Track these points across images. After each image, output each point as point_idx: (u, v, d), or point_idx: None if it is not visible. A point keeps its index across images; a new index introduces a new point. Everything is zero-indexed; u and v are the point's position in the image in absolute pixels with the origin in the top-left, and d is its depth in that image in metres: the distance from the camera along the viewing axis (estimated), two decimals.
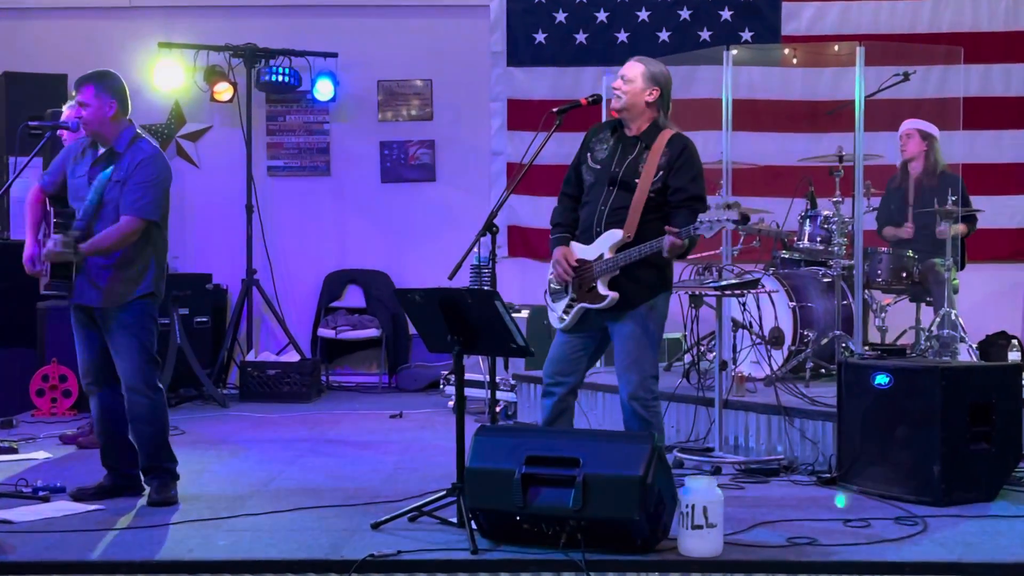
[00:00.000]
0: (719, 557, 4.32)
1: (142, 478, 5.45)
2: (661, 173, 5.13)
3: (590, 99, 5.36)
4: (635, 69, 5.26)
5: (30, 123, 5.74)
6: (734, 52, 7.15)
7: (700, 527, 4.32)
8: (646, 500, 4.27)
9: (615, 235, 5.13)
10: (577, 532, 4.33)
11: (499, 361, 7.70)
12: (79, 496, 5.38)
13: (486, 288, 5.67)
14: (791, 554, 4.40)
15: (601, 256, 5.15)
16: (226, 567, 4.31)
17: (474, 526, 4.52)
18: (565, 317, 5.29)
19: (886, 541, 4.56)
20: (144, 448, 5.36)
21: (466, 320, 4.76)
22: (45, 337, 8.49)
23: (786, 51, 9.66)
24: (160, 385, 5.39)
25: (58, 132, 6.00)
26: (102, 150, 5.36)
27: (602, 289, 5.14)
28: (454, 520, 4.73)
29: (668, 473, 4.50)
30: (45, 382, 8.28)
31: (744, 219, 4.89)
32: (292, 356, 9.64)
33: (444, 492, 4.87)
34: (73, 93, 5.39)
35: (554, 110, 5.29)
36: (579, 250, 5.26)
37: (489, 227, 5.12)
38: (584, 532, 4.33)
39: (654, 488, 4.31)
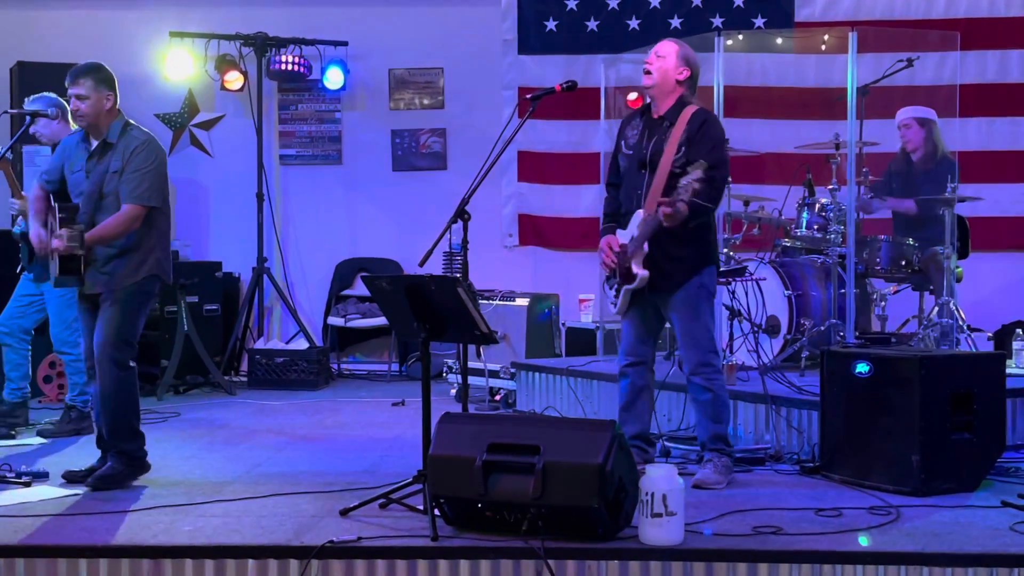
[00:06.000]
0: (679, 546, 4.26)
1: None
2: (683, 149, 5.22)
3: (564, 85, 5.35)
4: (669, 47, 5.43)
5: (10, 111, 5.79)
6: (728, 42, 7.15)
7: (659, 515, 4.26)
8: (605, 488, 4.24)
9: (640, 215, 5.29)
10: (538, 519, 4.30)
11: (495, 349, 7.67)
12: (70, 478, 5.45)
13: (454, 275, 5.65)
14: (753, 543, 4.34)
15: (633, 238, 5.31)
16: (187, 552, 4.32)
17: (438, 513, 4.51)
18: (616, 302, 5.50)
19: (851, 531, 4.50)
20: (105, 423, 5.44)
21: (432, 307, 4.75)
22: None
23: (779, 40, 9.56)
24: (132, 364, 5.42)
25: (32, 131, 6.00)
26: (95, 143, 5.43)
27: (635, 269, 5.31)
28: (422, 508, 4.72)
29: (630, 461, 4.46)
30: (52, 369, 8.36)
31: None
32: (301, 344, 9.67)
33: (411, 479, 4.86)
34: (67, 85, 5.42)
35: (527, 96, 5.35)
36: (622, 235, 5.45)
37: (461, 214, 5.13)
38: (545, 519, 4.30)
39: (614, 476, 4.27)
